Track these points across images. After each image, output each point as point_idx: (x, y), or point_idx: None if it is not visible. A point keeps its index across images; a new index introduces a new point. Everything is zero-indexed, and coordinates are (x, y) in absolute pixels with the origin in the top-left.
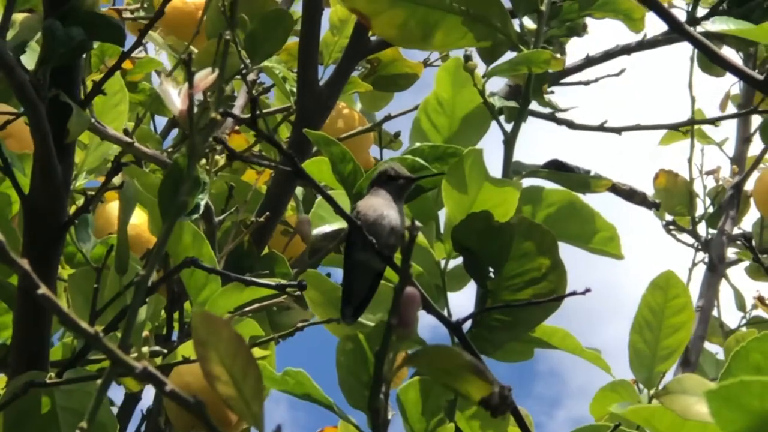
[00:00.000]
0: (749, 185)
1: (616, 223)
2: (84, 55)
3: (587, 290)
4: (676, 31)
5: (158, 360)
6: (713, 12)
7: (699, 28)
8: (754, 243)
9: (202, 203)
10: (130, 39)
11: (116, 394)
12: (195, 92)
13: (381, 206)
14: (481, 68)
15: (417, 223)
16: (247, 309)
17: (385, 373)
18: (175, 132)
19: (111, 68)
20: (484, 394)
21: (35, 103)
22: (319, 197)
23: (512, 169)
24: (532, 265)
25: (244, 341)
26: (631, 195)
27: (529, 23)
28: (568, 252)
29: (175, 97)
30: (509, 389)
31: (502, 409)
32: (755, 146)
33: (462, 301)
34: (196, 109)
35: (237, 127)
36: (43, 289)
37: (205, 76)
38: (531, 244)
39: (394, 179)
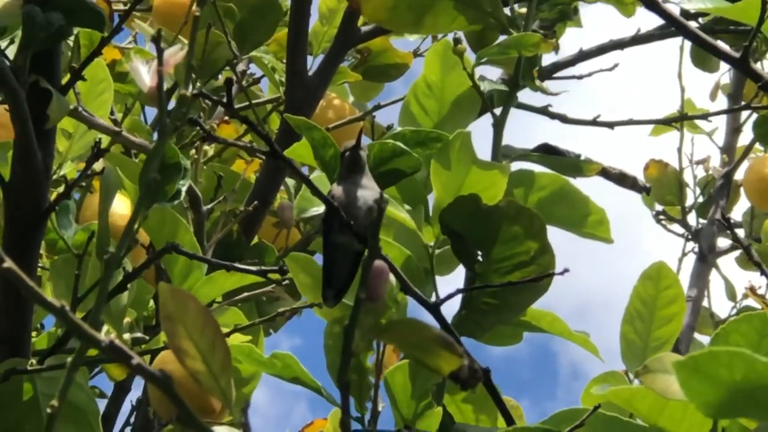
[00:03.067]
0: (739, 175)
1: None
2: (72, 44)
3: (566, 270)
4: (651, 9)
5: (142, 346)
6: None
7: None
8: (743, 232)
9: (183, 188)
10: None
11: (107, 385)
12: (164, 69)
13: (354, 186)
14: (470, 55)
15: (386, 196)
16: (235, 299)
17: (355, 347)
18: None
19: (91, 53)
20: (454, 368)
21: (15, 89)
22: None
23: (502, 153)
24: (521, 249)
25: (212, 315)
26: (622, 179)
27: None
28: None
29: (145, 74)
30: (486, 369)
31: (471, 383)
32: (745, 136)
33: (452, 284)
34: (165, 86)
35: (226, 117)
36: (8, 263)
37: (174, 53)
38: (519, 227)
39: (343, 156)
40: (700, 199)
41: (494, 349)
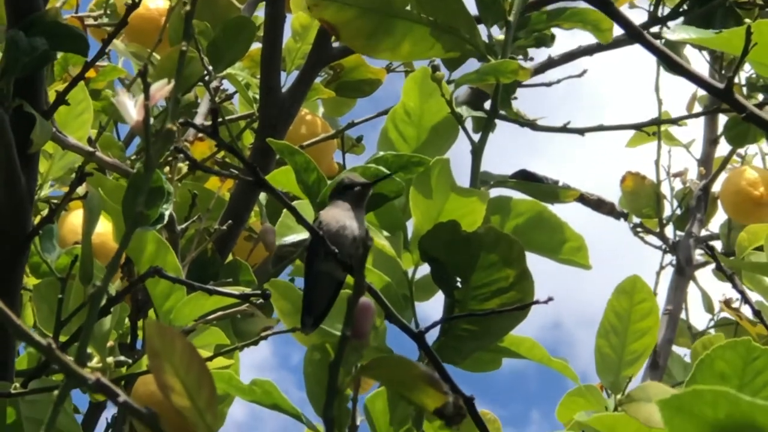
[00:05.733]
0: (716, 187)
1: (584, 225)
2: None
3: (550, 299)
4: (637, 41)
5: (123, 369)
6: (675, 12)
7: (656, 29)
8: (721, 245)
9: (167, 213)
10: (93, 45)
11: (82, 401)
12: (151, 103)
13: (343, 216)
14: (448, 77)
15: (371, 234)
16: (210, 317)
17: (340, 384)
18: (138, 140)
19: (74, 78)
20: (438, 404)
21: None
22: None
23: (480, 179)
24: (500, 275)
25: (198, 352)
26: (599, 205)
27: (496, 33)
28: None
29: (131, 109)
30: (470, 398)
31: (456, 419)
32: (722, 148)
33: (431, 310)
34: (152, 120)
35: (200, 135)
36: None
37: (161, 87)
38: (498, 254)
39: (350, 187)
40: (678, 212)
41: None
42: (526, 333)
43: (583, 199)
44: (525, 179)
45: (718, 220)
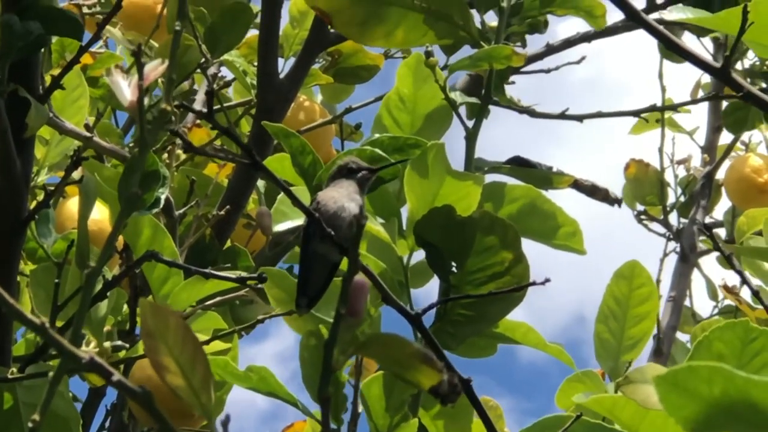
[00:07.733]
0: (720, 174)
1: (586, 212)
2: (43, 51)
3: (547, 280)
4: (633, 20)
5: (121, 354)
6: None
7: (657, 15)
8: (725, 232)
9: (163, 197)
10: (90, 35)
11: (81, 389)
12: (145, 83)
13: (341, 198)
14: (442, 62)
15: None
16: (209, 302)
17: (335, 362)
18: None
19: (69, 63)
20: (434, 383)
21: None
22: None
23: (474, 165)
24: (495, 260)
25: (192, 331)
26: (594, 191)
27: (490, 19)
28: (530, 243)
29: (125, 89)
30: (467, 380)
31: (451, 398)
32: (726, 135)
33: (426, 297)
34: (146, 101)
35: (198, 121)
36: None
37: (155, 67)
38: (494, 238)
39: (355, 171)
40: (682, 199)
41: (521, 358)
42: (552, 330)
43: (578, 185)
44: (519, 165)
45: (722, 207)
